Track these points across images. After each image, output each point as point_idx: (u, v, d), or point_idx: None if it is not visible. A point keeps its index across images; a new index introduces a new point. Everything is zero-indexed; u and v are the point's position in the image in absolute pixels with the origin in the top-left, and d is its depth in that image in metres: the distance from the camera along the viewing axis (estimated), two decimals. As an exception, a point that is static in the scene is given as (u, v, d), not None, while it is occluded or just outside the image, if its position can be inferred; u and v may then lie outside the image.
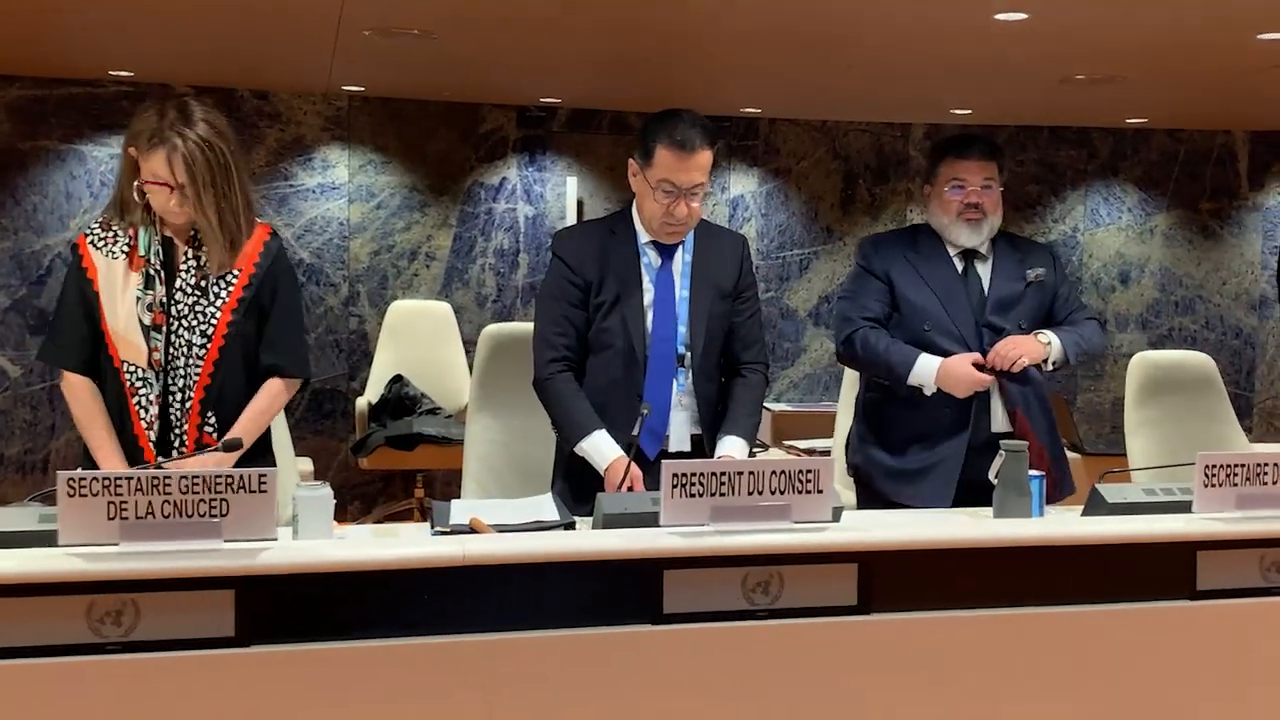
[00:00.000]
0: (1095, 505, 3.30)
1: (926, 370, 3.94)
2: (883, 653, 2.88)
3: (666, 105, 3.86)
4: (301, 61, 7.23)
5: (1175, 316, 9.72)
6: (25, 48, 6.97)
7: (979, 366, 3.93)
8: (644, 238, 3.81)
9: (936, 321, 4.02)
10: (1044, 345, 3.98)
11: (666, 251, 3.81)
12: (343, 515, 7.92)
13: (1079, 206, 9.57)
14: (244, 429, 3.45)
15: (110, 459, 3.40)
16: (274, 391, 3.55)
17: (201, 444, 3.44)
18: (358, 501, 8.46)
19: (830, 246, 9.30)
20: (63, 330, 3.48)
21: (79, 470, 2.60)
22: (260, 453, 3.54)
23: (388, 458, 7.40)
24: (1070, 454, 6.81)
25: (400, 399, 7.64)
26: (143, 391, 3.40)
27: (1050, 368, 4.03)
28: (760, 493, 2.84)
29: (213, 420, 3.47)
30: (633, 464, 3.54)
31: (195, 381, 3.44)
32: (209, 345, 3.44)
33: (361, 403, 7.83)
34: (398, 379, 7.76)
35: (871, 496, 4.14)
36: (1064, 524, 3.18)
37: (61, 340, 3.48)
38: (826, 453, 5.84)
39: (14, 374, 7.99)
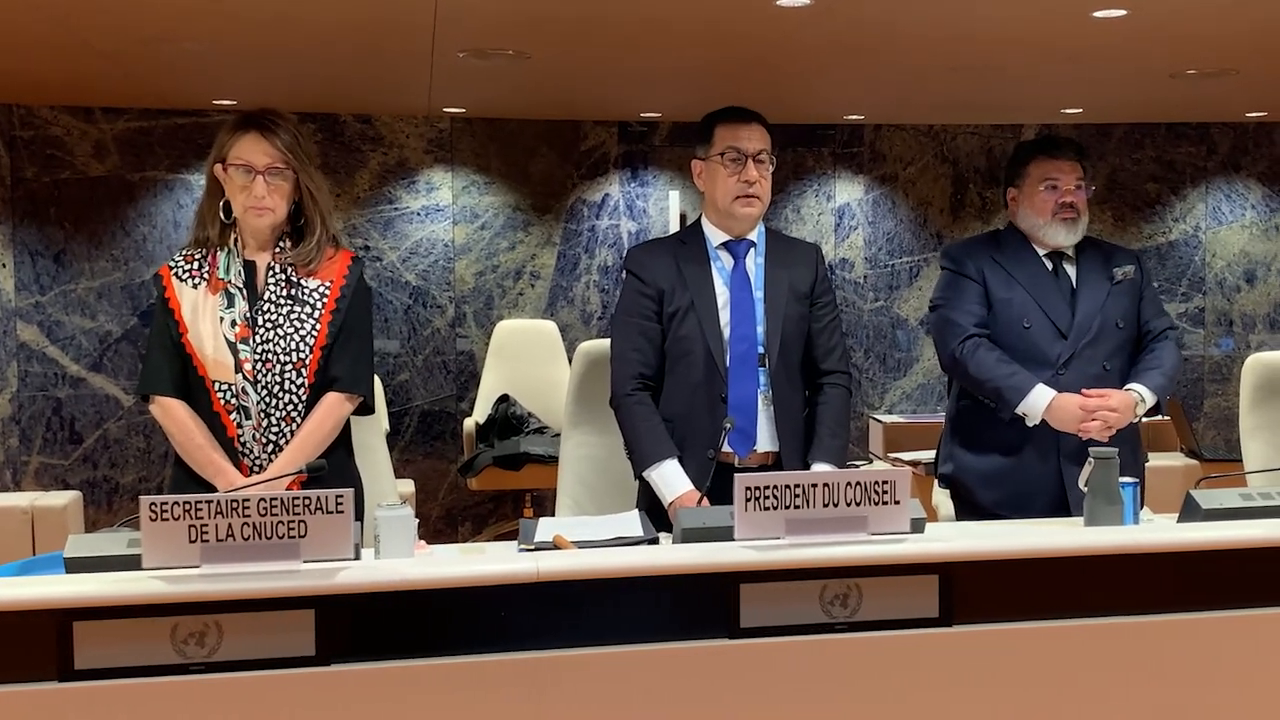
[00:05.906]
0: (1190, 511, 3.21)
1: (1038, 403, 3.88)
2: (966, 665, 2.82)
3: (769, 115, 3.93)
4: (401, 85, 7.33)
5: (1306, 315, 9.47)
6: (131, 80, 7.16)
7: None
8: (715, 242, 3.83)
9: (1034, 317, 3.99)
10: (1136, 399, 3.93)
11: (738, 254, 3.81)
12: (454, 536, 8.07)
13: (1200, 205, 9.34)
14: (297, 447, 3.43)
15: (225, 472, 3.40)
16: (329, 404, 3.48)
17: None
18: (469, 523, 8.53)
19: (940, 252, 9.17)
20: (151, 360, 3.53)
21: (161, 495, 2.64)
22: (340, 472, 3.51)
23: (495, 478, 7.46)
24: (1188, 460, 6.75)
25: (507, 419, 7.68)
26: (238, 406, 3.41)
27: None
28: (835, 504, 2.81)
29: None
30: (698, 495, 3.52)
31: (301, 386, 3.45)
32: (312, 350, 3.46)
33: (469, 423, 7.90)
34: (504, 399, 7.80)
35: (969, 508, 4.10)
36: (1149, 531, 3.11)
37: (151, 369, 3.52)
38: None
39: (126, 403, 8.17)
